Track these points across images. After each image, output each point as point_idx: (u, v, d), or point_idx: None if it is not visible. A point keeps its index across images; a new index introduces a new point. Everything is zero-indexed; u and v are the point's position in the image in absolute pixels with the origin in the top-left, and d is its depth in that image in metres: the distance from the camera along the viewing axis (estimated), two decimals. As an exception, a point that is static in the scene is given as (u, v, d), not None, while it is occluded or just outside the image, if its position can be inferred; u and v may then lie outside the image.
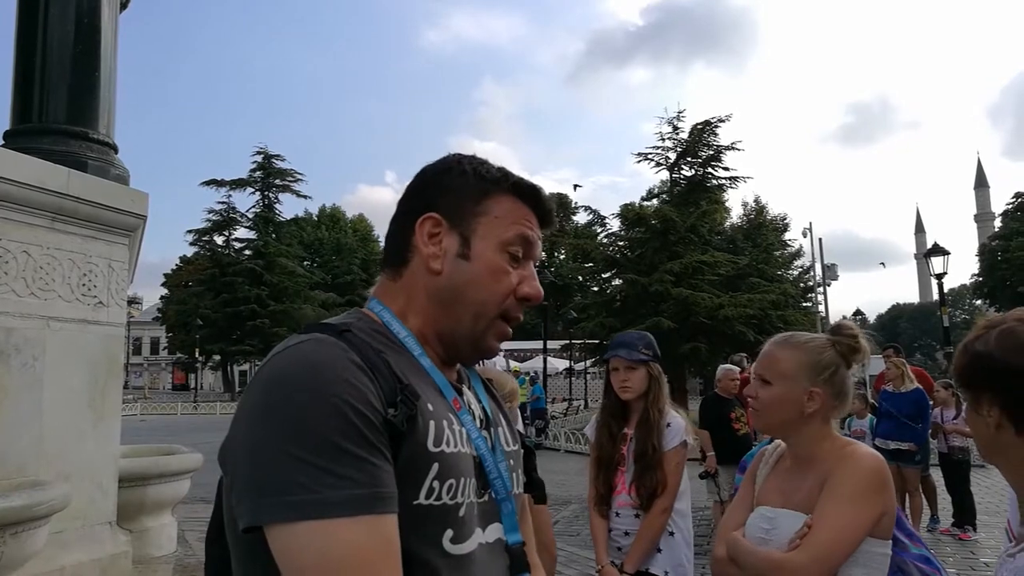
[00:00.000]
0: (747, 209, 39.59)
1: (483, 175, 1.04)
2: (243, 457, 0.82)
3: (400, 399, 0.87)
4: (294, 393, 0.82)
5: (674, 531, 2.93)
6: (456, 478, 0.92)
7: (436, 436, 0.91)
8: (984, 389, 1.18)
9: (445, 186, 1.04)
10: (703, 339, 21.77)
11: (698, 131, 24.24)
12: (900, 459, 7.09)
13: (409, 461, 0.87)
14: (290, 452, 0.78)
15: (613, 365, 3.05)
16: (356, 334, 0.93)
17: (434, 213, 1.02)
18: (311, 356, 0.86)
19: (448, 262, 1.00)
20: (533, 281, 1.05)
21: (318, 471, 0.78)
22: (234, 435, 0.86)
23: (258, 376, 0.88)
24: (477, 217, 1.02)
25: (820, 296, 31.25)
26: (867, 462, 1.71)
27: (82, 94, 3.71)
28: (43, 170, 3.12)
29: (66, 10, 3.69)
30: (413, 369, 0.96)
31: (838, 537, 1.65)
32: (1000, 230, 49.73)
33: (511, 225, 1.03)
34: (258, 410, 0.83)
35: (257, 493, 0.79)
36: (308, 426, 0.79)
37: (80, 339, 3.29)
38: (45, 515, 2.49)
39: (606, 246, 26.64)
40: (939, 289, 18.04)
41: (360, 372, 0.86)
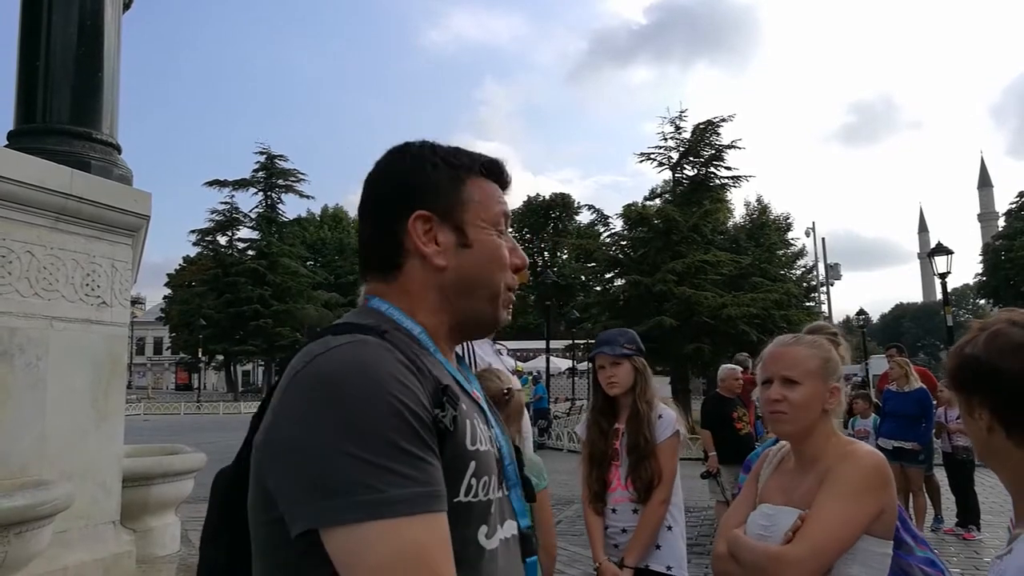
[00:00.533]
0: (750, 209, 39.61)
1: (454, 164, 1.06)
2: (297, 459, 0.80)
3: (445, 399, 0.88)
4: (349, 392, 0.81)
5: (672, 525, 2.94)
6: (488, 475, 0.93)
7: (472, 435, 0.92)
8: (974, 392, 1.17)
9: (423, 182, 1.04)
10: (706, 339, 21.72)
11: (700, 131, 24.20)
12: (904, 459, 7.07)
13: (451, 460, 0.87)
14: (351, 452, 0.78)
15: (599, 363, 3.09)
16: (392, 333, 0.93)
17: (423, 211, 1.01)
18: (361, 356, 0.85)
19: (451, 255, 1.02)
20: (518, 250, 1.09)
21: (381, 470, 0.78)
22: (279, 437, 0.84)
23: (301, 377, 0.86)
24: (463, 205, 1.04)
25: (823, 296, 31.26)
26: (867, 460, 1.72)
27: (85, 95, 3.72)
28: (47, 170, 3.13)
29: (69, 12, 3.70)
30: (435, 363, 0.97)
31: (832, 531, 1.66)
32: (1004, 229, 49.61)
33: (492, 206, 1.06)
34: (312, 411, 0.82)
35: (320, 495, 0.78)
36: (367, 426, 0.79)
37: (83, 339, 3.29)
38: (48, 515, 2.50)
39: (609, 246, 26.60)
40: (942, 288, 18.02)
41: (409, 372, 0.86)
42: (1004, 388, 1.13)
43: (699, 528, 7.66)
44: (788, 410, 1.81)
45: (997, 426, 1.14)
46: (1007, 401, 1.13)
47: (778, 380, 1.84)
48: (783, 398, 1.82)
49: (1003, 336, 1.15)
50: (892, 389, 7.63)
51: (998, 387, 1.14)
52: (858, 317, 39.43)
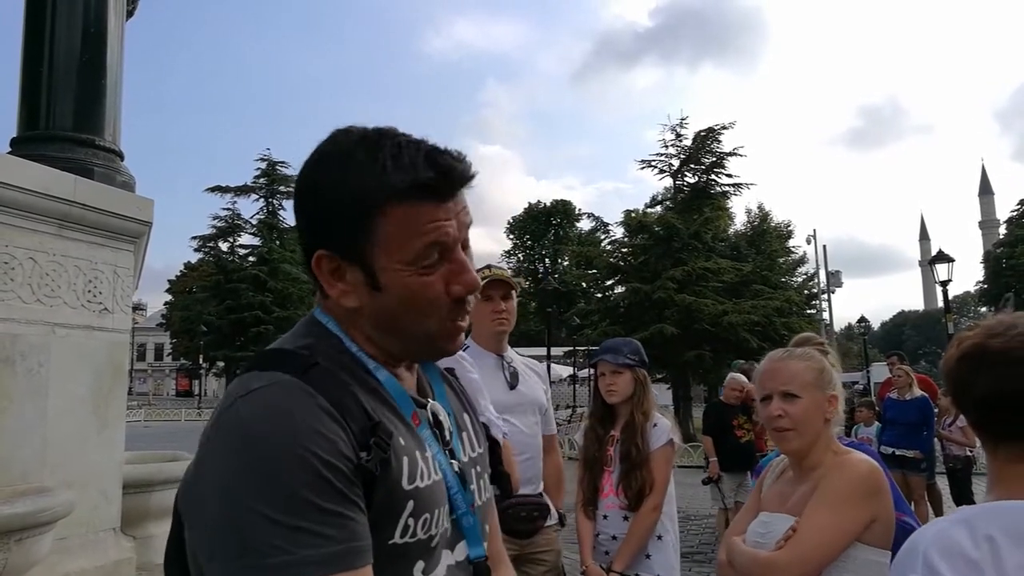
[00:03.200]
0: (751, 216, 39.60)
1: (353, 194, 0.87)
2: (213, 515, 0.78)
3: (373, 441, 0.83)
4: (262, 448, 0.77)
5: (662, 534, 2.94)
6: (431, 511, 0.89)
7: (410, 473, 0.87)
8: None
9: (321, 214, 0.91)
10: (707, 346, 21.74)
11: (701, 138, 24.26)
12: (906, 467, 7.06)
13: (384, 502, 0.84)
14: (262, 512, 0.74)
15: (600, 370, 3.11)
16: (322, 365, 0.87)
17: (323, 250, 0.91)
18: (278, 404, 0.81)
19: (362, 295, 0.91)
20: (463, 275, 0.91)
21: (292, 531, 0.74)
22: (199, 486, 0.81)
23: (221, 423, 0.82)
24: (368, 247, 0.88)
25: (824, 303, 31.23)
26: (859, 468, 1.73)
27: (88, 102, 3.73)
28: (49, 177, 3.13)
29: (73, 19, 3.71)
30: (376, 396, 0.91)
31: (820, 538, 1.67)
32: (1005, 237, 49.60)
33: (411, 240, 0.88)
34: (226, 464, 0.79)
35: (232, 555, 0.75)
36: (279, 483, 0.76)
37: (85, 345, 3.29)
38: (49, 522, 2.49)
39: (609, 253, 26.65)
40: (944, 296, 18.02)
41: (329, 419, 0.81)
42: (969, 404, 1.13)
43: (700, 536, 7.65)
44: (791, 425, 1.82)
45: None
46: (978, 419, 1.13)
47: (777, 396, 1.85)
48: (784, 413, 1.83)
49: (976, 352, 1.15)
50: (893, 397, 7.62)
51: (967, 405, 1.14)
52: (859, 325, 39.39)
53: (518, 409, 2.80)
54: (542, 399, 2.98)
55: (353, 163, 0.88)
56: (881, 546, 1.68)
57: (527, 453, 2.75)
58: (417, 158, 0.88)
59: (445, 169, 0.89)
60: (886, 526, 1.70)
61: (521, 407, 2.83)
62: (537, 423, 2.92)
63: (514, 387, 2.83)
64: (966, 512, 1.03)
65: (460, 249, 0.92)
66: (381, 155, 0.88)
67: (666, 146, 24.86)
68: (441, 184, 0.88)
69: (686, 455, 16.14)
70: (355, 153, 0.89)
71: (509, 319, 2.85)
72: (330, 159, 0.91)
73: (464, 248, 0.94)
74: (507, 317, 2.84)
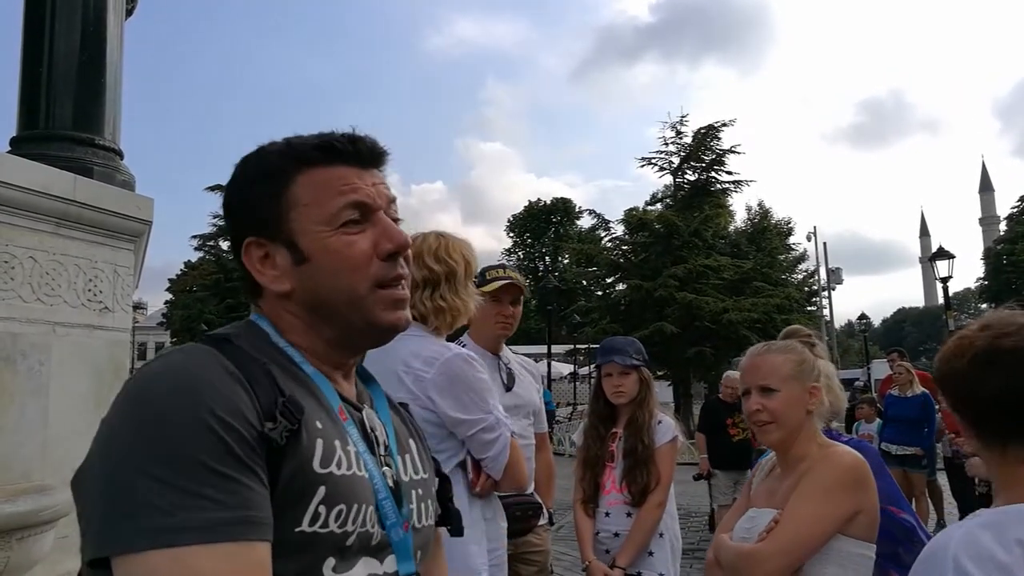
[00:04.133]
0: (751, 213, 39.60)
1: (267, 171, 0.92)
2: (95, 479, 0.73)
3: (280, 411, 0.78)
4: (155, 405, 0.73)
5: (663, 532, 2.94)
6: (348, 504, 0.83)
7: (324, 456, 0.82)
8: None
9: (242, 203, 0.94)
10: (707, 343, 21.74)
11: (701, 135, 24.25)
12: (906, 464, 7.07)
13: (291, 482, 0.78)
14: (147, 471, 0.69)
15: (606, 371, 3.09)
16: (235, 343, 0.85)
17: (251, 237, 0.92)
18: (179, 365, 0.77)
19: (291, 276, 0.91)
20: (388, 232, 0.91)
21: (177, 492, 0.68)
22: (89, 455, 0.77)
23: (122, 389, 0.79)
24: (287, 216, 0.90)
25: (825, 300, 31.24)
26: (843, 460, 1.73)
27: (88, 101, 3.73)
28: (49, 176, 3.14)
29: (72, 19, 3.71)
30: (300, 384, 0.88)
31: (800, 530, 1.68)
32: (1006, 233, 49.59)
33: (328, 201, 0.89)
34: (116, 426, 0.75)
35: (106, 519, 0.70)
36: (169, 442, 0.70)
37: (86, 344, 3.30)
38: (50, 520, 2.50)
39: (610, 251, 26.64)
40: (944, 293, 18.01)
41: (233, 381, 0.77)
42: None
43: (701, 533, 7.66)
44: (770, 418, 1.84)
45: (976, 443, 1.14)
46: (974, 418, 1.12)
47: (755, 390, 1.87)
48: (762, 407, 1.84)
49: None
50: (894, 394, 7.62)
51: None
52: (860, 321, 39.42)
53: (514, 411, 2.80)
54: (536, 401, 2.98)
55: (266, 152, 0.94)
56: (865, 539, 1.68)
57: (524, 454, 2.76)
58: (326, 134, 0.94)
59: (351, 137, 0.93)
60: (870, 519, 1.69)
61: (516, 409, 2.83)
62: (531, 424, 2.92)
63: (510, 389, 2.83)
64: (988, 516, 1.02)
65: (383, 215, 0.93)
66: (291, 139, 0.95)
67: (666, 143, 24.86)
68: (348, 147, 0.92)
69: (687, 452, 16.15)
70: (269, 146, 0.95)
71: (513, 325, 2.86)
72: (248, 158, 0.96)
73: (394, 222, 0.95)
74: (512, 323, 2.84)
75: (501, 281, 2.78)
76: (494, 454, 2.08)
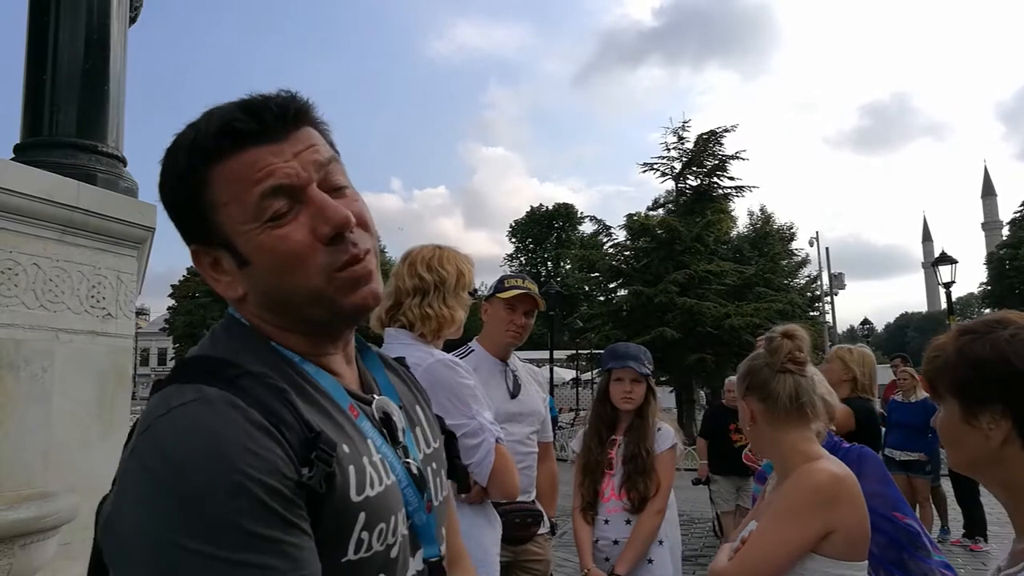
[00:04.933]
0: (753, 219, 39.58)
1: (180, 173, 0.82)
2: (137, 555, 0.69)
3: (315, 455, 0.74)
4: (188, 474, 0.68)
5: (663, 540, 2.93)
6: (386, 520, 0.82)
7: (358, 483, 0.79)
8: (986, 397, 1.08)
9: (171, 209, 0.86)
10: (709, 349, 21.70)
11: (703, 141, 24.27)
12: (910, 470, 7.05)
13: (332, 520, 0.76)
14: (193, 548, 0.66)
15: (618, 375, 3.07)
16: (251, 372, 0.78)
17: (193, 244, 0.86)
18: (203, 424, 0.71)
19: (242, 280, 0.84)
20: (324, 211, 0.80)
21: (228, 565, 0.66)
22: (121, 523, 0.71)
23: (140, 449, 0.73)
24: (212, 219, 0.82)
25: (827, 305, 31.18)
26: (812, 478, 1.66)
27: (91, 108, 3.75)
28: (53, 183, 3.15)
29: (76, 27, 3.73)
30: (307, 396, 0.83)
31: (762, 552, 1.65)
32: (1008, 238, 49.51)
33: (244, 193, 0.79)
34: (148, 499, 0.69)
35: None
36: (211, 513, 0.67)
37: (89, 350, 3.30)
38: (53, 526, 2.49)
39: (612, 256, 26.64)
40: (947, 298, 17.97)
41: (263, 435, 0.72)
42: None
43: (704, 540, 7.64)
44: (751, 427, 1.81)
45: (1015, 436, 1.05)
46: None
47: (743, 400, 1.85)
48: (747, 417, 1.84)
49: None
50: (898, 399, 7.60)
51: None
52: (862, 327, 39.35)
53: (518, 418, 2.80)
54: (541, 410, 2.98)
55: (175, 147, 0.83)
56: (845, 558, 1.60)
57: (524, 462, 2.75)
58: (227, 110, 0.81)
59: (255, 108, 0.81)
60: (848, 537, 1.61)
61: (521, 416, 2.82)
62: (534, 432, 2.92)
63: (515, 396, 2.83)
64: None
65: (315, 189, 0.82)
66: (199, 122, 0.82)
67: (668, 149, 24.88)
68: (252, 124, 0.79)
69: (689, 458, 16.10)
70: (180, 136, 0.84)
71: (523, 335, 2.88)
72: (164, 158, 0.85)
73: (335, 191, 0.84)
74: (523, 333, 2.86)
75: (517, 290, 2.80)
76: (477, 460, 2.07)
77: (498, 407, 2.57)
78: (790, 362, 1.76)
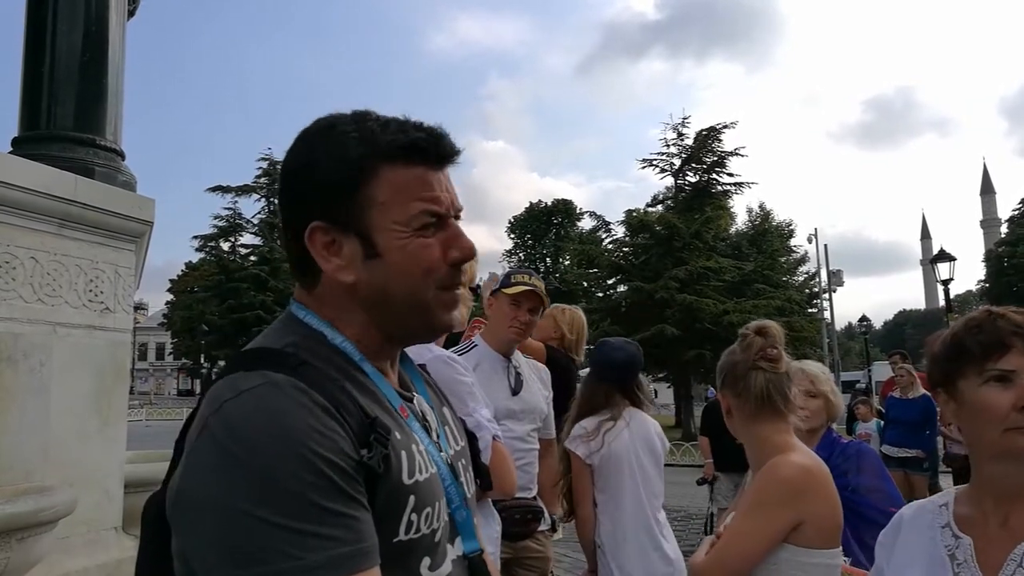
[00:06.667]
0: (752, 215, 39.55)
1: (344, 158, 0.88)
2: (210, 524, 0.73)
3: (373, 437, 0.80)
4: (259, 449, 0.73)
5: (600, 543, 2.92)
6: (431, 504, 0.87)
7: (409, 468, 0.85)
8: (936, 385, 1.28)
9: (313, 185, 0.89)
10: (708, 345, 21.73)
11: (703, 137, 24.27)
12: (908, 466, 7.06)
13: (386, 500, 0.81)
14: (265, 517, 0.71)
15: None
16: (311, 363, 0.83)
17: (317, 221, 0.89)
18: (272, 404, 0.76)
19: (359, 268, 0.89)
20: (459, 240, 0.91)
21: (296, 534, 0.71)
22: (192, 495, 0.76)
23: (212, 427, 0.77)
24: (364, 211, 0.88)
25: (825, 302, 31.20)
26: (780, 471, 1.69)
27: (90, 101, 3.73)
28: (50, 176, 3.14)
29: (74, 19, 3.71)
30: (364, 390, 0.88)
31: (736, 544, 1.68)
32: (1007, 236, 49.56)
33: (407, 204, 0.88)
34: (223, 470, 0.74)
35: (233, 564, 0.71)
36: (280, 485, 0.72)
37: (87, 344, 3.30)
38: (51, 520, 2.49)
39: (611, 252, 26.65)
40: (945, 295, 17.98)
41: (327, 417, 0.78)
42: None
43: (701, 535, 7.65)
44: (728, 420, 1.88)
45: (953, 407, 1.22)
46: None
47: (719, 395, 1.94)
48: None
49: None
50: (896, 396, 7.60)
51: None
52: (861, 323, 39.35)
53: (519, 415, 2.79)
54: (543, 407, 2.97)
55: (342, 134, 0.89)
56: (815, 546, 1.64)
57: (525, 459, 2.75)
58: (405, 124, 0.90)
59: (435, 133, 0.91)
60: (818, 527, 1.64)
61: (522, 413, 2.82)
62: (536, 430, 2.91)
63: (517, 393, 2.82)
64: None
65: (454, 220, 0.92)
66: (369, 123, 0.90)
67: (668, 145, 24.90)
68: (431, 146, 0.90)
69: (687, 454, 16.14)
70: (342, 125, 0.90)
71: (527, 332, 2.88)
72: (317, 135, 0.91)
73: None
74: (526, 330, 2.86)
75: (523, 287, 2.79)
76: None
77: (499, 404, 2.56)
78: (762, 359, 1.77)
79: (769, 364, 1.77)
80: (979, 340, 1.18)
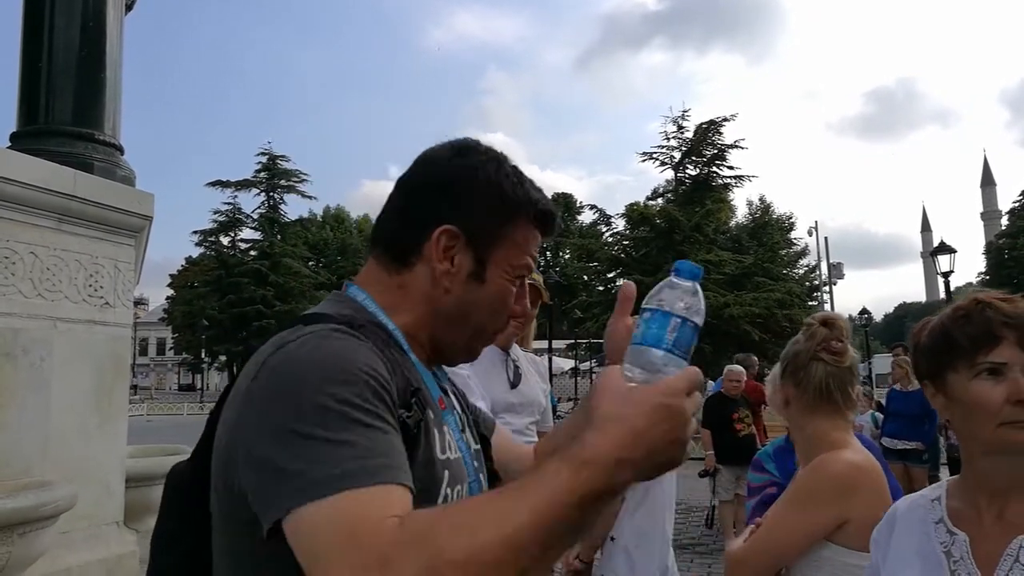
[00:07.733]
0: (752, 208, 39.52)
1: (511, 196, 0.98)
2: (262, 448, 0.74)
3: (415, 400, 0.84)
4: (312, 371, 0.76)
5: (615, 536, 2.90)
6: (461, 483, 0.91)
7: (441, 444, 0.89)
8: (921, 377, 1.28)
9: (469, 197, 0.97)
10: (708, 338, 21.75)
11: (703, 131, 24.24)
12: (908, 459, 7.06)
13: (424, 470, 0.83)
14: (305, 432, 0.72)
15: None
16: (369, 327, 0.88)
17: (452, 226, 0.95)
18: (333, 343, 0.81)
19: (459, 282, 0.96)
20: (524, 299, 1.05)
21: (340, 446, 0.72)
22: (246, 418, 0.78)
23: (270, 364, 0.80)
24: (498, 241, 0.98)
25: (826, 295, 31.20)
26: (830, 467, 1.64)
27: (88, 96, 3.72)
28: (49, 171, 3.13)
29: (72, 13, 3.70)
30: (409, 368, 0.92)
31: (776, 535, 1.65)
32: (1007, 228, 49.53)
33: (522, 253, 1.01)
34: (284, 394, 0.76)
35: (277, 482, 0.72)
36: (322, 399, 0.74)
37: (87, 340, 3.30)
38: (52, 515, 2.50)
39: (611, 245, 26.65)
40: (946, 287, 17.96)
41: (381, 363, 0.82)
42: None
43: (702, 528, 7.66)
44: (785, 410, 1.85)
45: (942, 400, 1.20)
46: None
47: (778, 384, 1.90)
48: None
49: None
50: (896, 389, 7.60)
51: None
52: (861, 316, 39.36)
53: (518, 408, 2.79)
54: (541, 400, 2.97)
55: (507, 172, 1.00)
56: (859, 548, 1.56)
57: None
58: (543, 197, 1.04)
59: (555, 215, 1.06)
60: (864, 528, 1.53)
61: (520, 406, 2.82)
62: (534, 423, 2.91)
63: (515, 386, 2.82)
64: None
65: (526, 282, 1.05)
66: (522, 177, 1.02)
67: (668, 138, 24.87)
68: (551, 225, 1.05)
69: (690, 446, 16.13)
70: (505, 165, 1.01)
71: (525, 324, 2.87)
72: (489, 158, 1.00)
73: None
74: (524, 322, 2.86)
75: None
76: None
77: (498, 397, 2.56)
78: (824, 351, 1.73)
79: (832, 357, 1.72)
80: (968, 332, 1.16)
